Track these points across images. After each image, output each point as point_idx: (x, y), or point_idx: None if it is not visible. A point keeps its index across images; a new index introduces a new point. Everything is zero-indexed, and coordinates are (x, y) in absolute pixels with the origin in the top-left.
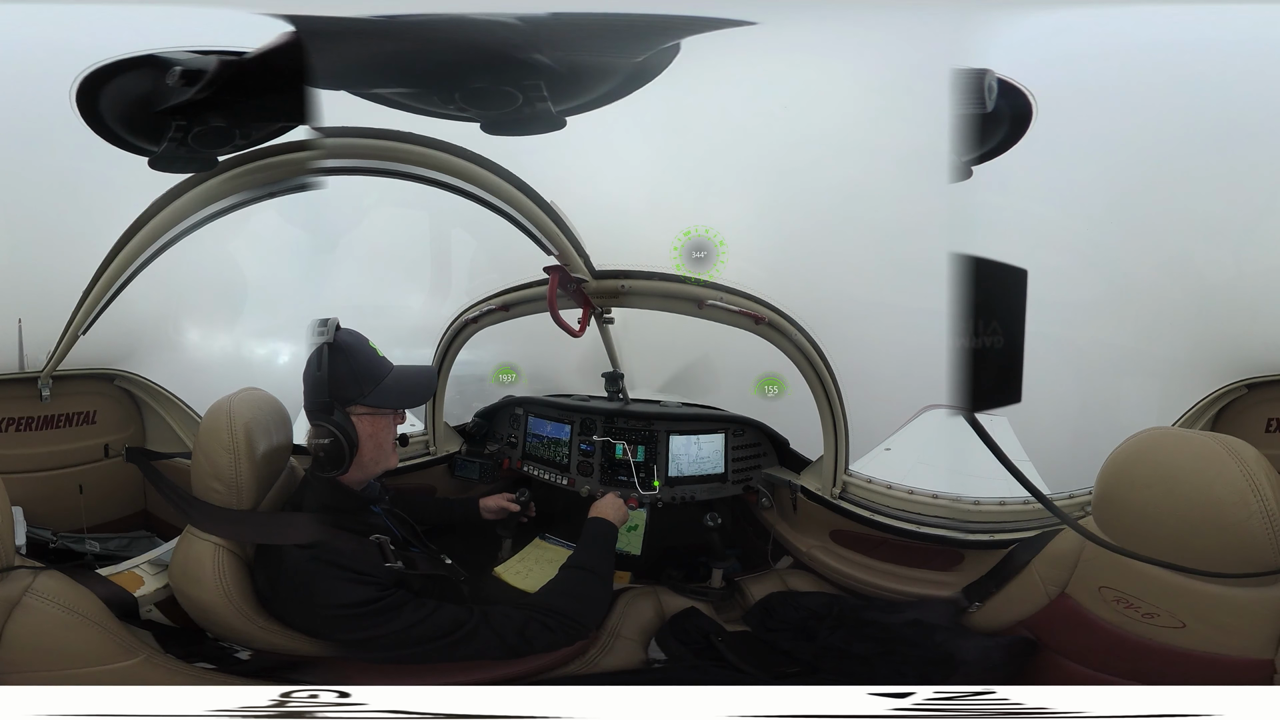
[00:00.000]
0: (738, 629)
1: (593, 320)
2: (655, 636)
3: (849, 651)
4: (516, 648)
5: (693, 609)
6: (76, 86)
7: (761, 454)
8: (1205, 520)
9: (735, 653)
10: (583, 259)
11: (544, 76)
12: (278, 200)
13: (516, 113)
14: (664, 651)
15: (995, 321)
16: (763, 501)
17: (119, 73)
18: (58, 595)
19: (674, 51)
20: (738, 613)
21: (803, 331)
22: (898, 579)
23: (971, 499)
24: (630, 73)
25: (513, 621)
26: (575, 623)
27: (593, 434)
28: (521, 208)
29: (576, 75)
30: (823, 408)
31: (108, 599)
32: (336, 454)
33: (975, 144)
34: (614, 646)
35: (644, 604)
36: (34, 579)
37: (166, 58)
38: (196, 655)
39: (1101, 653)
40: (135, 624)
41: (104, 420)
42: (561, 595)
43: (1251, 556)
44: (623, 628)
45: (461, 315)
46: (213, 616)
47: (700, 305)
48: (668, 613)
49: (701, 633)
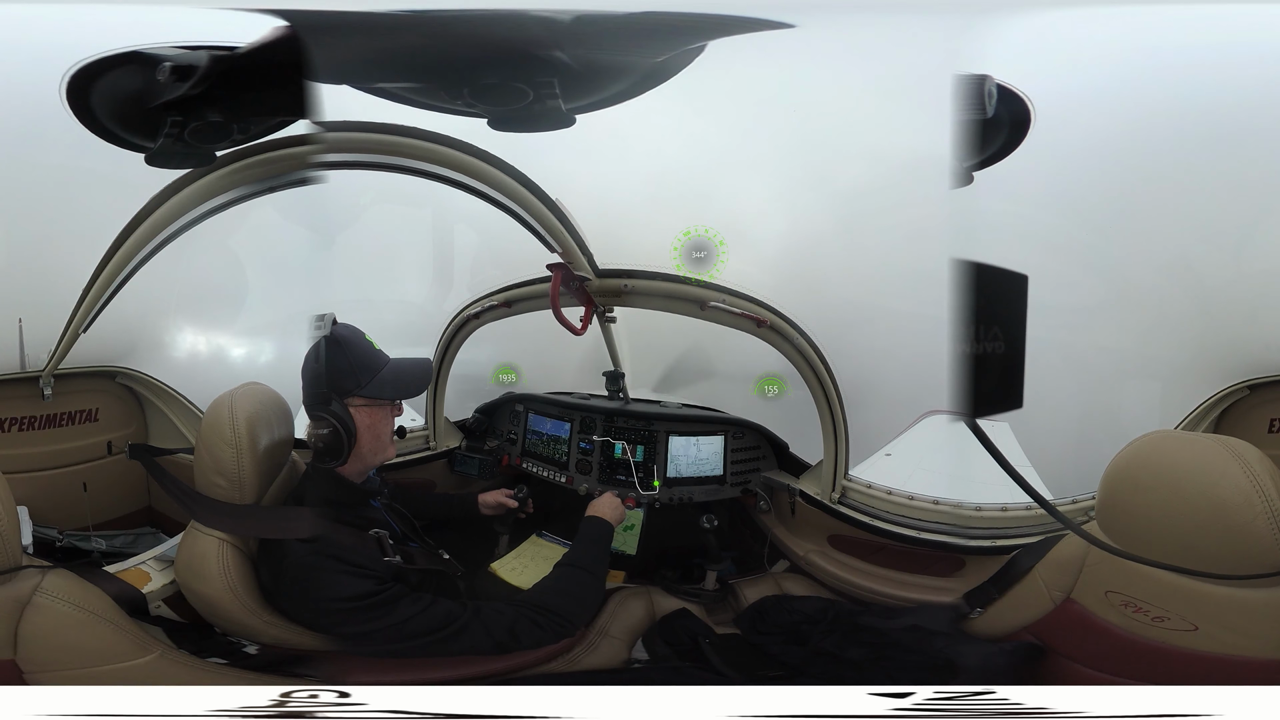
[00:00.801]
0: (727, 632)
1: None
2: (643, 637)
3: (841, 657)
4: (504, 644)
5: (684, 610)
6: (66, 82)
7: (761, 457)
8: (1210, 522)
9: (720, 656)
10: (586, 257)
11: (559, 74)
12: (277, 195)
13: (526, 109)
14: (648, 652)
15: (996, 327)
16: (761, 504)
17: (111, 68)
18: (68, 593)
19: (697, 53)
20: (730, 615)
21: (804, 336)
22: (897, 584)
23: (973, 504)
24: (647, 72)
25: (504, 618)
26: (565, 620)
27: (592, 432)
28: (526, 204)
29: (593, 74)
30: (823, 412)
31: (117, 596)
32: (335, 445)
33: (976, 150)
34: (599, 645)
35: (635, 604)
36: (43, 578)
37: (155, 54)
38: (207, 650)
39: (1116, 657)
40: (146, 620)
41: (106, 417)
42: (554, 593)
43: (1258, 558)
44: (611, 627)
45: (463, 310)
46: (219, 611)
47: (703, 307)
48: (659, 613)
49: (690, 634)
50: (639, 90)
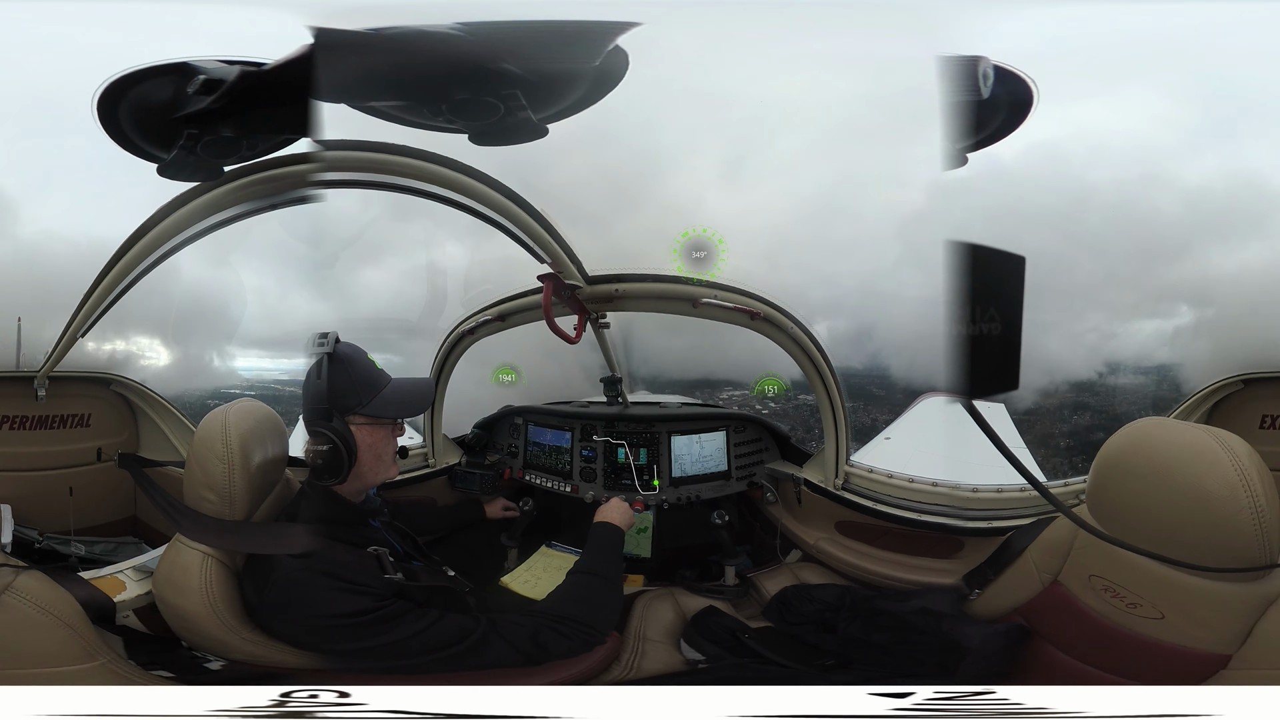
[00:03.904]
0: (761, 625)
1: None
2: (682, 636)
3: (870, 641)
4: (532, 655)
5: (711, 608)
6: (99, 95)
7: (764, 449)
8: (1195, 513)
9: (769, 648)
10: (575, 265)
11: (519, 86)
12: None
13: (500, 123)
14: (697, 651)
15: (992, 308)
16: (768, 496)
17: (139, 81)
18: (36, 596)
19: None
20: (755, 609)
21: (799, 325)
22: (903, 567)
23: (970, 486)
24: (594, 77)
25: (524, 629)
26: (588, 628)
27: (594, 438)
28: (513, 217)
29: (547, 83)
30: (822, 400)
31: (85, 602)
32: (334, 462)
33: (970, 131)
34: (646, 650)
35: (662, 605)
36: (15, 578)
37: (193, 65)
38: (158, 663)
39: (1085, 642)
40: (109, 629)
41: (98, 423)
42: (571, 601)
43: (1238, 552)
44: (647, 630)
45: (458, 327)
46: (193, 626)
47: (695, 304)
48: (687, 613)
49: (727, 630)
50: (598, 95)
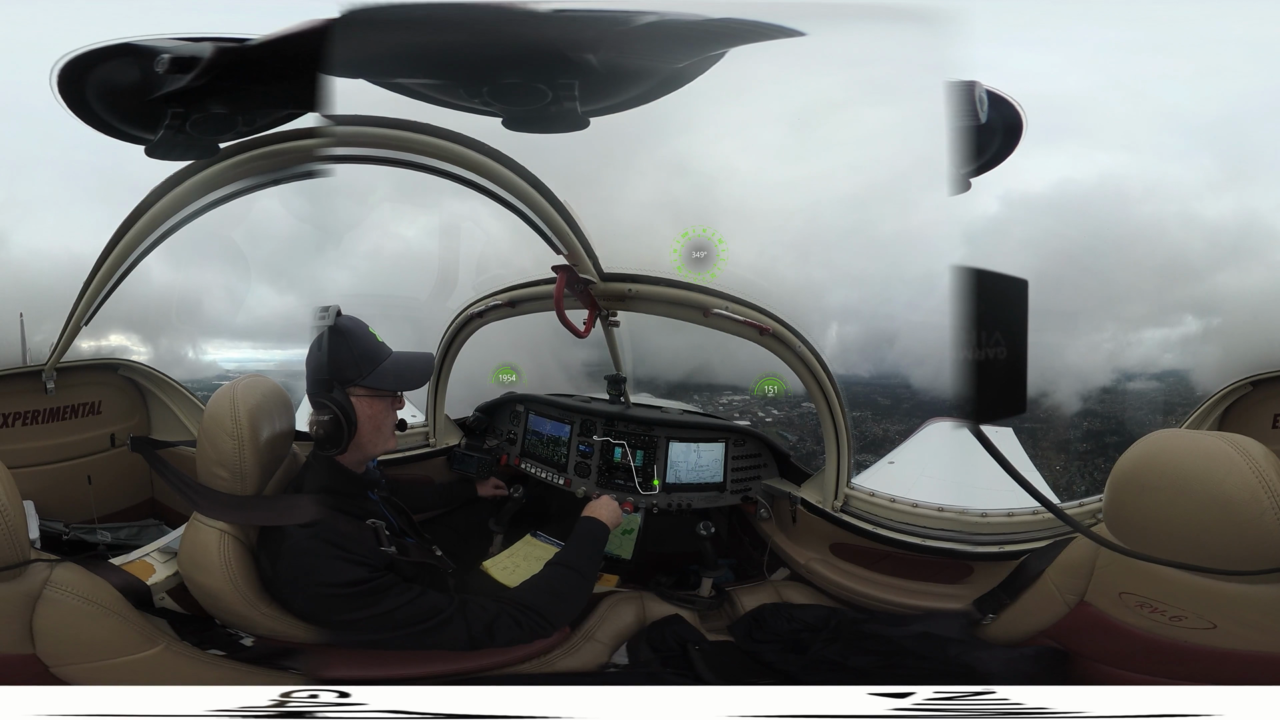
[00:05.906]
0: (719, 638)
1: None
2: (629, 642)
3: (846, 665)
4: (478, 640)
5: (675, 616)
6: (57, 73)
7: (762, 465)
8: (1218, 520)
9: (706, 662)
10: (592, 260)
11: (582, 76)
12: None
13: (542, 110)
14: (631, 657)
15: (998, 333)
16: (761, 512)
17: (105, 59)
18: (75, 587)
19: (717, 59)
20: (724, 622)
21: (806, 343)
22: (902, 592)
23: (979, 511)
24: (665, 77)
25: (486, 614)
26: (545, 620)
27: (592, 435)
28: (534, 205)
29: (615, 77)
30: (825, 419)
31: (123, 588)
32: (335, 432)
33: (972, 156)
34: (581, 648)
35: (626, 609)
36: (51, 571)
37: (151, 45)
38: (208, 643)
39: (1140, 657)
40: (151, 612)
41: (109, 410)
42: (540, 592)
43: (1267, 553)
44: (598, 631)
45: (467, 309)
46: (220, 602)
47: (706, 314)
48: (650, 619)
49: (679, 640)
50: (655, 95)
